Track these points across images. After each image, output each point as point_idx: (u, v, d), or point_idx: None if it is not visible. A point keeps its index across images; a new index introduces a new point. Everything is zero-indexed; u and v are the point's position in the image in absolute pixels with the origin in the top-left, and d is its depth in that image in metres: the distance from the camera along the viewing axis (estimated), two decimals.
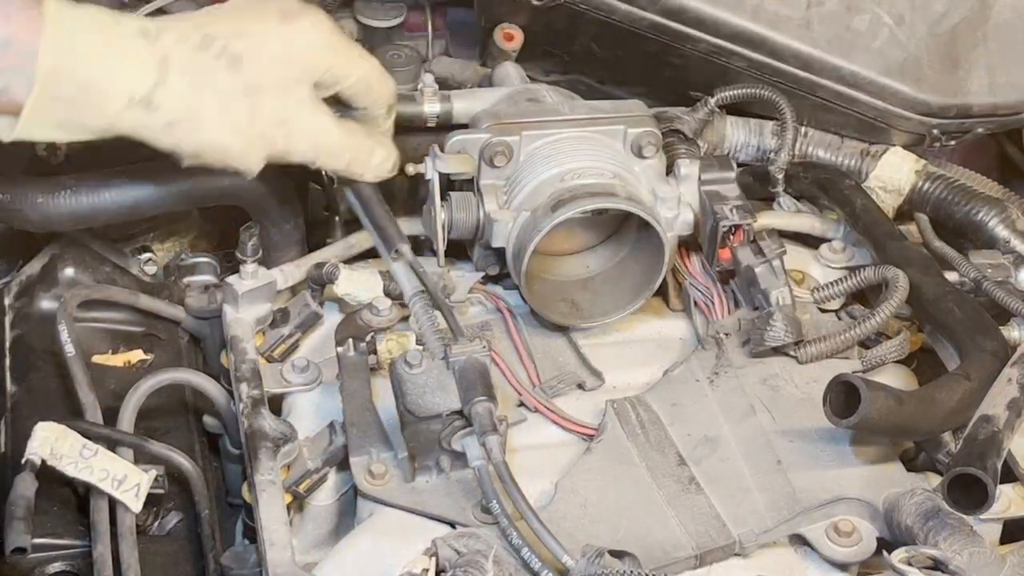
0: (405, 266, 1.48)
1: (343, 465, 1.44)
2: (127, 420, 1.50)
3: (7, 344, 1.64)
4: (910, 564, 1.27)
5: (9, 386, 1.60)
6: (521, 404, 1.54)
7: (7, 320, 1.67)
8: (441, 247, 1.59)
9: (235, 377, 1.53)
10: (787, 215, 1.78)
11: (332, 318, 1.62)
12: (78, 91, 1.25)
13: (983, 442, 1.33)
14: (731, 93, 1.78)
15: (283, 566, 1.32)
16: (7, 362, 1.62)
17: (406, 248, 1.48)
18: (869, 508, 1.41)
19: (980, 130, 1.82)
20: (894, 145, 1.83)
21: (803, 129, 1.83)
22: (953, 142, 1.83)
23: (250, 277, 1.60)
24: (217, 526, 1.52)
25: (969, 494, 1.29)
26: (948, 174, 1.84)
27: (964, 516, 1.32)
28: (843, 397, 1.37)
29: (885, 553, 1.29)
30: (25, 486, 1.37)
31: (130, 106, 1.28)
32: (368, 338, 1.53)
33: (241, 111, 1.34)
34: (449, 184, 1.62)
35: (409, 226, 1.63)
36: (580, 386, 1.57)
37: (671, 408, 1.53)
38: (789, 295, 1.58)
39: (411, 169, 1.59)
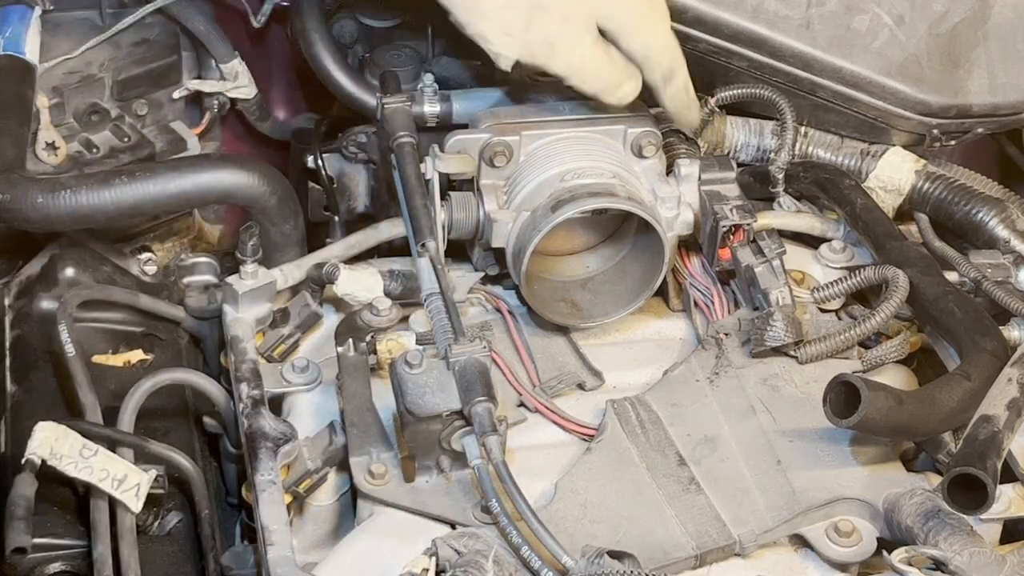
0: (427, 262, 1.49)
1: (343, 465, 1.44)
2: (127, 420, 1.50)
3: (7, 344, 1.64)
4: (910, 564, 1.27)
5: (9, 386, 1.60)
6: (521, 404, 1.54)
7: (7, 320, 1.67)
8: (441, 247, 1.59)
9: (235, 377, 1.53)
10: (787, 215, 1.78)
11: (332, 318, 1.62)
12: None
13: (983, 442, 1.33)
14: (731, 93, 1.78)
15: (283, 566, 1.32)
16: (7, 362, 1.62)
17: (432, 245, 1.49)
18: (869, 508, 1.41)
19: (980, 130, 1.82)
20: (894, 145, 1.83)
21: (803, 129, 1.83)
22: (953, 142, 1.83)
23: (250, 277, 1.60)
24: (217, 526, 1.52)
25: (969, 494, 1.29)
26: (948, 174, 1.84)
27: (964, 516, 1.32)
28: (843, 397, 1.37)
29: (885, 553, 1.29)
30: (25, 486, 1.37)
31: None
32: (368, 338, 1.53)
33: (519, 19, 1.38)
34: (449, 184, 1.62)
35: None
36: (580, 386, 1.57)
37: (671, 408, 1.53)
38: (789, 295, 1.58)
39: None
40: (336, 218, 1.81)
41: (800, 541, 1.40)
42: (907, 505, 1.35)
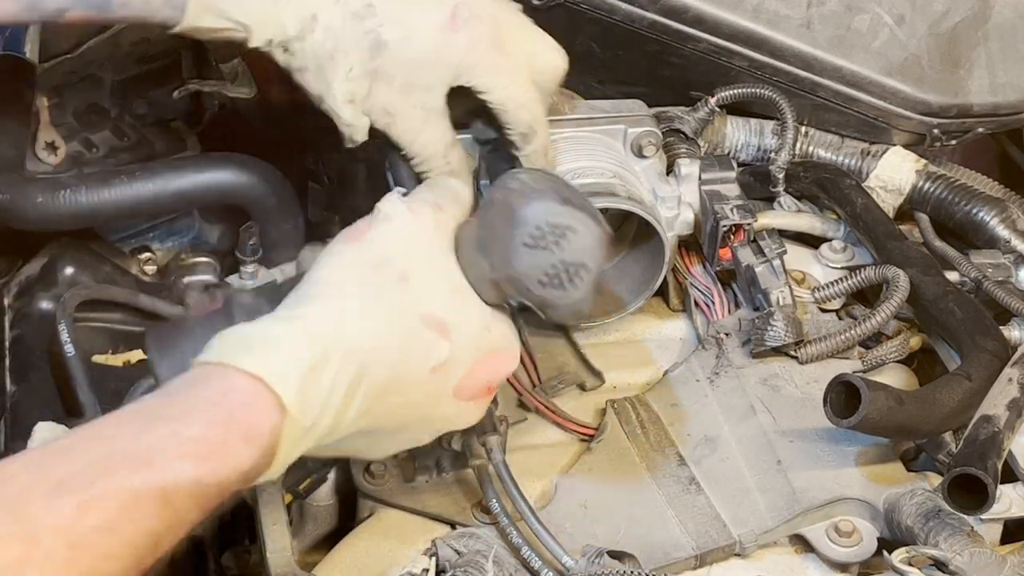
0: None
1: (343, 465, 1.44)
2: None
3: (7, 344, 1.64)
4: (910, 564, 1.27)
5: (8, 386, 1.60)
6: (521, 404, 1.53)
7: (7, 320, 1.66)
8: None
9: None
10: (788, 215, 1.77)
11: None
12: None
13: (983, 442, 1.33)
14: (731, 93, 1.78)
15: (283, 566, 1.32)
16: (7, 362, 1.62)
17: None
18: (869, 508, 1.41)
19: (981, 130, 1.82)
20: (895, 145, 1.83)
21: (803, 129, 1.83)
22: (954, 142, 1.83)
23: (250, 277, 1.60)
24: (217, 526, 1.52)
25: (969, 494, 1.28)
26: (948, 174, 1.84)
27: (964, 516, 1.32)
28: (844, 397, 1.37)
29: (886, 553, 1.29)
30: None
31: (269, 44, 1.33)
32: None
33: (362, 88, 1.35)
34: None
35: None
36: (580, 386, 1.57)
37: (671, 408, 1.53)
38: (789, 295, 1.58)
39: None
40: (336, 217, 1.81)
41: (800, 541, 1.40)
42: (907, 505, 1.35)
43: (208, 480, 1.04)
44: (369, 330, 1.18)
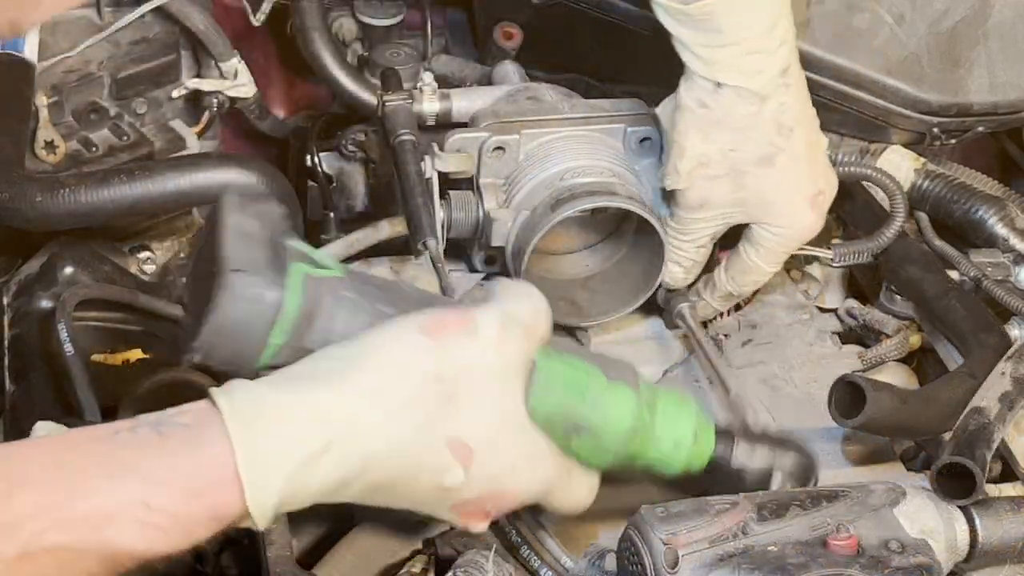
0: (427, 261, 1.48)
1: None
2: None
3: (5, 343, 1.64)
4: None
5: (8, 385, 1.60)
6: None
7: (6, 319, 1.66)
8: (440, 246, 1.59)
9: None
10: None
11: None
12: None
13: (973, 433, 1.33)
14: None
15: (283, 566, 1.31)
16: (6, 361, 1.62)
17: (433, 243, 1.48)
18: None
19: (980, 128, 1.81)
20: (894, 143, 1.83)
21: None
22: (953, 140, 1.83)
23: None
24: None
25: (959, 484, 1.28)
26: (948, 172, 1.84)
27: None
28: (847, 397, 1.37)
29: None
30: None
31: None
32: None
33: None
34: (448, 183, 1.62)
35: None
36: None
37: None
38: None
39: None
40: (331, 215, 1.81)
41: None
42: None
43: (159, 550, 1.04)
44: (387, 439, 1.13)
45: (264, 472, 1.07)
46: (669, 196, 1.57)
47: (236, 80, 1.86)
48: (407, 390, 1.14)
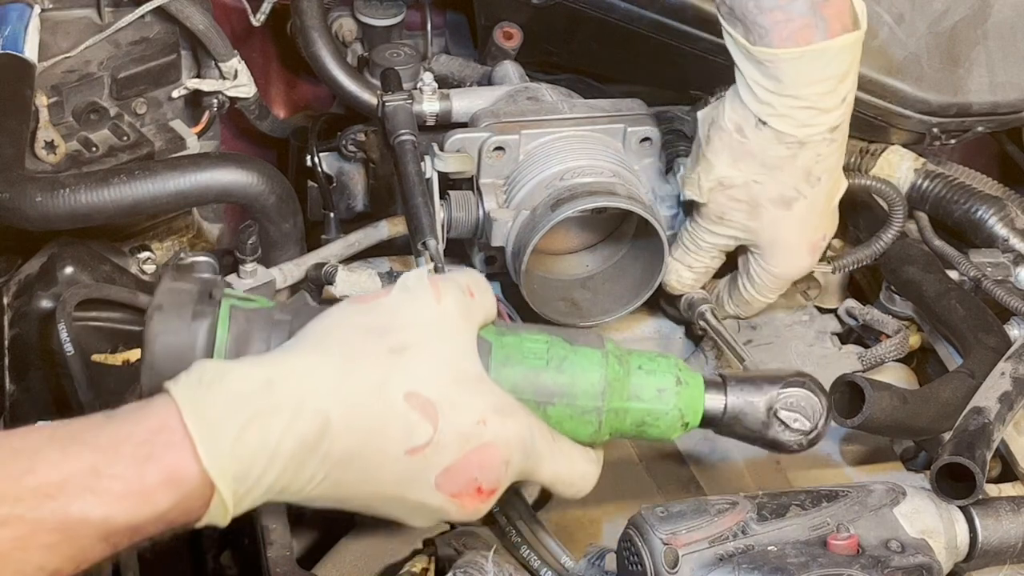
0: (427, 261, 1.49)
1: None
2: None
3: (6, 343, 1.64)
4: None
5: (8, 385, 1.60)
6: None
7: (6, 319, 1.66)
8: (440, 246, 1.59)
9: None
10: None
11: None
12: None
13: (973, 433, 1.33)
14: None
15: (283, 566, 1.32)
16: (6, 361, 1.62)
17: (432, 243, 1.49)
18: None
19: (980, 128, 1.82)
20: (894, 143, 1.83)
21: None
22: (953, 140, 1.83)
23: (249, 276, 1.60)
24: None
25: (958, 483, 1.28)
26: (947, 172, 1.84)
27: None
28: (847, 397, 1.37)
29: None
30: None
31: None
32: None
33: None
34: (448, 183, 1.62)
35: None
36: None
37: None
38: None
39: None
40: (332, 215, 1.81)
41: None
42: None
43: (119, 520, 1.02)
44: (337, 393, 1.11)
45: (213, 428, 1.05)
46: (691, 203, 1.57)
47: (236, 80, 1.86)
48: (349, 345, 1.14)
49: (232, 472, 1.06)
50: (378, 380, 1.12)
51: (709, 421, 1.26)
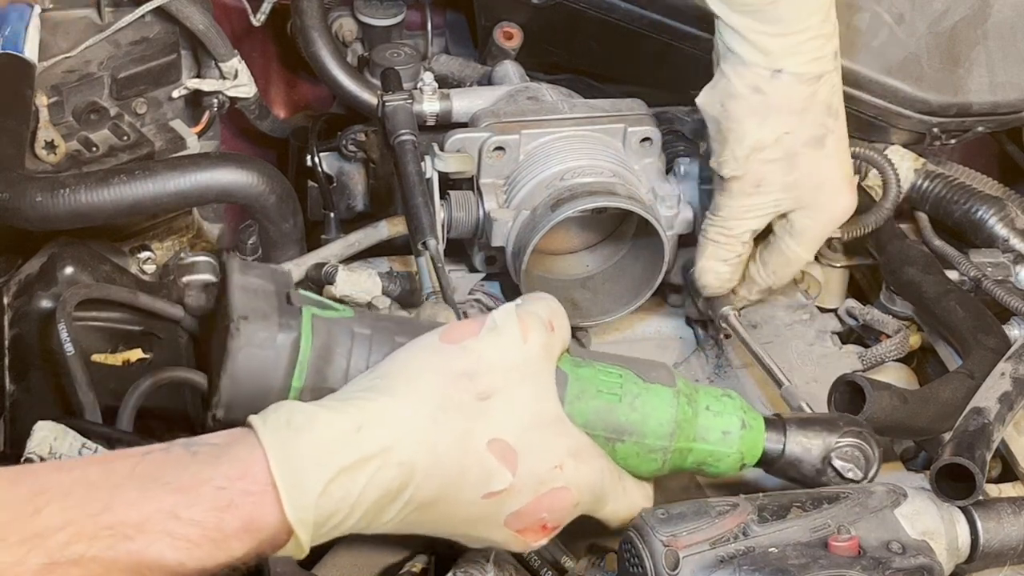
0: (427, 261, 1.49)
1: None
2: (126, 419, 1.50)
3: (6, 343, 1.64)
4: None
5: (8, 385, 1.59)
6: None
7: (6, 319, 1.66)
8: (440, 246, 1.59)
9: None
10: None
11: None
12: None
13: (972, 433, 1.33)
14: None
15: (283, 566, 1.31)
16: (6, 361, 1.62)
17: (433, 243, 1.49)
18: None
19: (980, 128, 1.82)
20: (894, 143, 1.83)
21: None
22: (953, 140, 1.83)
23: None
24: None
25: (958, 484, 1.28)
26: (948, 172, 1.84)
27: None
28: (847, 397, 1.37)
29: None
30: None
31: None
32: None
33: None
34: (448, 183, 1.62)
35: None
36: None
37: None
38: None
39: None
40: (332, 215, 1.81)
41: None
42: None
43: (191, 565, 1.02)
44: (427, 446, 1.11)
45: (300, 480, 1.05)
46: (716, 190, 1.56)
47: (236, 80, 1.86)
48: (439, 394, 1.13)
49: (313, 520, 1.07)
50: (464, 429, 1.13)
51: (766, 463, 1.29)
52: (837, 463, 1.28)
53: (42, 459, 1.38)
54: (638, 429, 1.23)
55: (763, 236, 1.59)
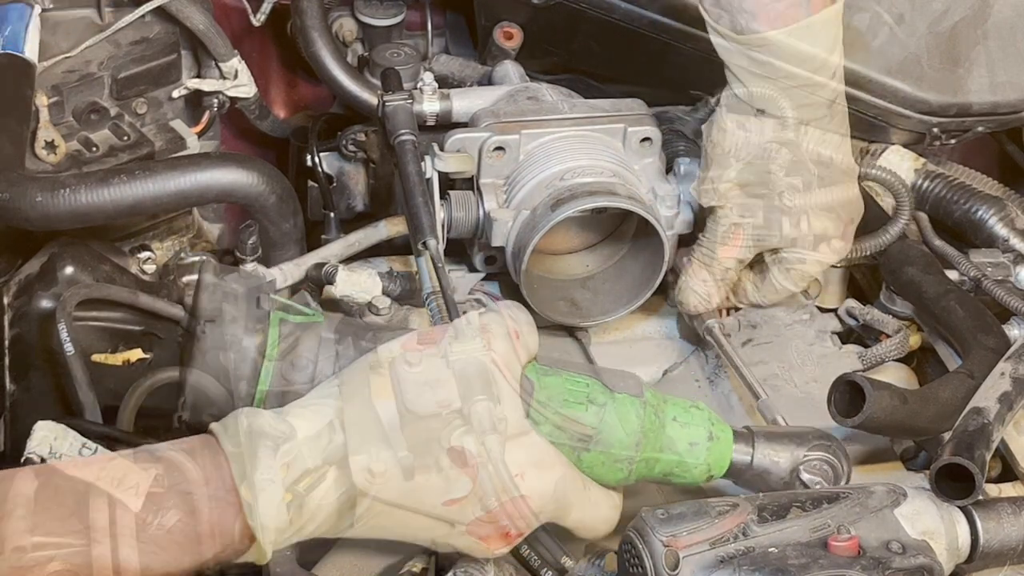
0: (427, 261, 1.49)
1: (342, 464, 1.43)
2: (126, 419, 1.50)
3: (6, 343, 1.64)
4: None
5: (8, 385, 1.59)
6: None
7: (6, 319, 1.66)
8: (440, 246, 1.59)
9: (234, 376, 1.52)
10: None
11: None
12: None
13: (972, 433, 1.33)
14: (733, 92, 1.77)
15: (283, 566, 1.31)
16: (6, 361, 1.62)
17: (433, 243, 1.49)
18: None
19: (980, 128, 1.82)
20: (894, 143, 1.83)
21: (804, 128, 1.82)
22: (953, 140, 1.83)
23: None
24: None
25: (958, 484, 1.28)
26: (948, 172, 1.84)
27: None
28: (847, 397, 1.37)
29: None
30: None
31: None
32: (368, 335, 1.53)
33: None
34: (448, 183, 1.62)
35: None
36: None
37: None
38: None
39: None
40: (332, 215, 1.81)
41: None
42: None
43: (157, 569, 1.05)
44: (387, 452, 1.14)
45: (261, 487, 1.09)
46: (704, 213, 1.57)
47: (236, 80, 1.86)
48: (402, 404, 1.16)
49: (275, 527, 1.09)
50: (425, 438, 1.15)
51: (733, 474, 1.30)
52: (805, 476, 1.30)
53: (42, 459, 1.38)
54: (604, 439, 1.24)
55: (757, 259, 1.59)
